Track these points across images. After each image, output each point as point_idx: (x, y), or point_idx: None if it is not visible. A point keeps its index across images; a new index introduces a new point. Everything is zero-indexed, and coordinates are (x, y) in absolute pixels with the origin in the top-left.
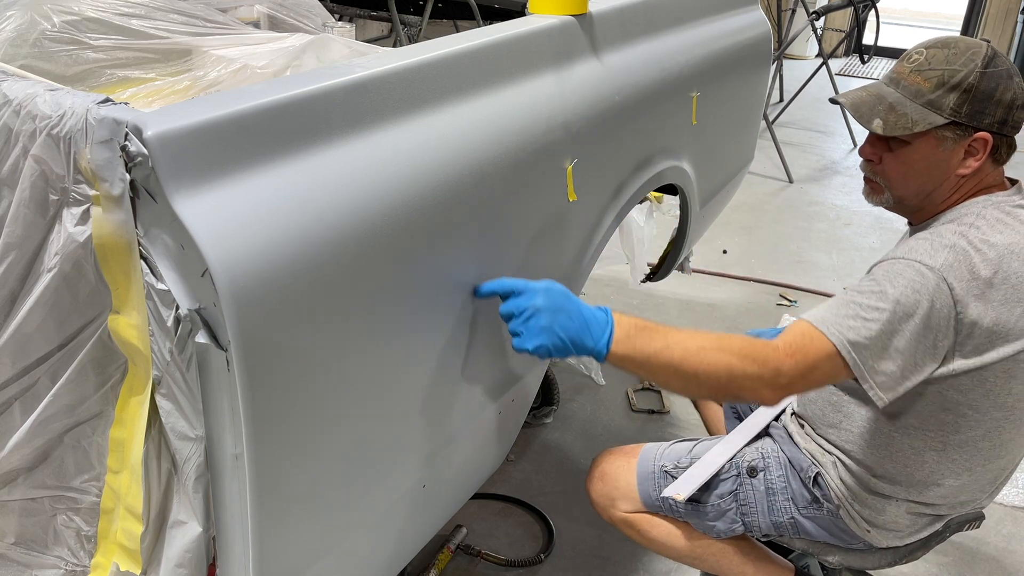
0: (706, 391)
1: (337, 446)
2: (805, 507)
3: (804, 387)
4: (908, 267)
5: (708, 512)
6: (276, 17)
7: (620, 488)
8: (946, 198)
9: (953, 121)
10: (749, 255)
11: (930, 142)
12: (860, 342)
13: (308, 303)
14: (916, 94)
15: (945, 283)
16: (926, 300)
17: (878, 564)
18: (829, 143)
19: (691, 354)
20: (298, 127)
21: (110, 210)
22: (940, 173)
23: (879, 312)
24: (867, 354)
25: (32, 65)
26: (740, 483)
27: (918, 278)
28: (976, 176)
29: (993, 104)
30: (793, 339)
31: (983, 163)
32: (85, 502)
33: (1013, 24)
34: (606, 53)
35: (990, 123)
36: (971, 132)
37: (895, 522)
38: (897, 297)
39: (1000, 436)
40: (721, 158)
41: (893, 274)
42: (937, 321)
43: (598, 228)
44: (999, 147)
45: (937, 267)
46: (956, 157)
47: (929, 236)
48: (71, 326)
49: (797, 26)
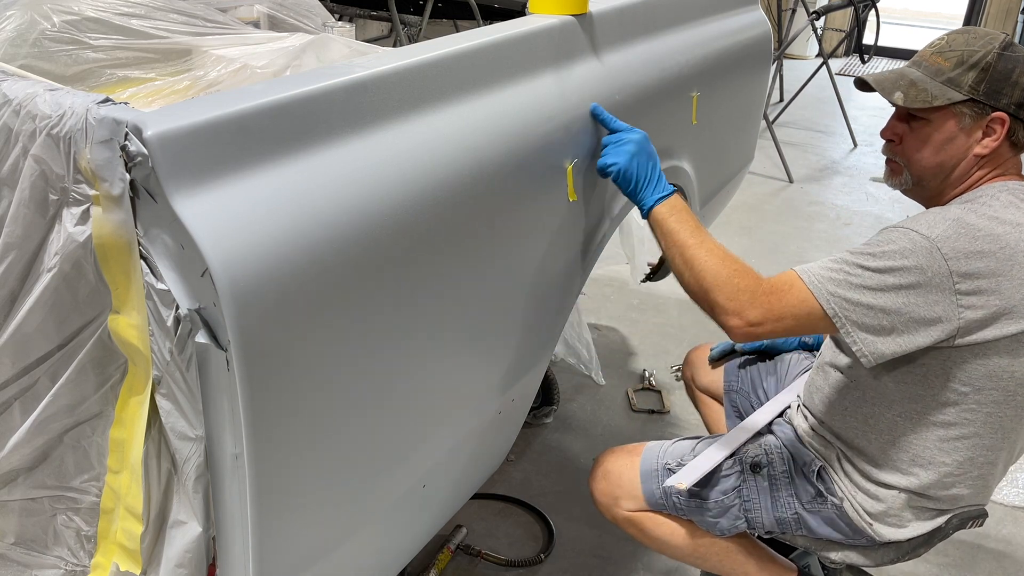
0: (692, 288)
1: (337, 446)
2: (809, 502)
3: (771, 330)
4: (903, 234)
5: (711, 508)
6: (276, 17)
7: (623, 486)
8: (962, 181)
9: (971, 99)
10: (749, 255)
11: (949, 119)
12: (842, 295)
13: (308, 303)
14: (936, 73)
15: (939, 252)
16: (915, 266)
17: (880, 560)
18: (829, 143)
19: (700, 248)
20: (298, 127)
21: (110, 210)
22: (958, 151)
23: (865, 271)
24: (849, 308)
25: (32, 65)
26: (743, 479)
27: (909, 244)
28: (993, 161)
29: (1010, 85)
30: (776, 282)
31: (1000, 145)
32: (85, 502)
33: (1013, 24)
34: (606, 53)
35: (1007, 103)
36: (989, 111)
37: (897, 515)
38: (888, 261)
39: (1001, 424)
40: (721, 158)
41: (886, 240)
42: (928, 288)
43: (598, 228)
44: (1015, 131)
45: (933, 237)
46: (974, 136)
47: (935, 211)
48: (71, 326)
49: (797, 26)
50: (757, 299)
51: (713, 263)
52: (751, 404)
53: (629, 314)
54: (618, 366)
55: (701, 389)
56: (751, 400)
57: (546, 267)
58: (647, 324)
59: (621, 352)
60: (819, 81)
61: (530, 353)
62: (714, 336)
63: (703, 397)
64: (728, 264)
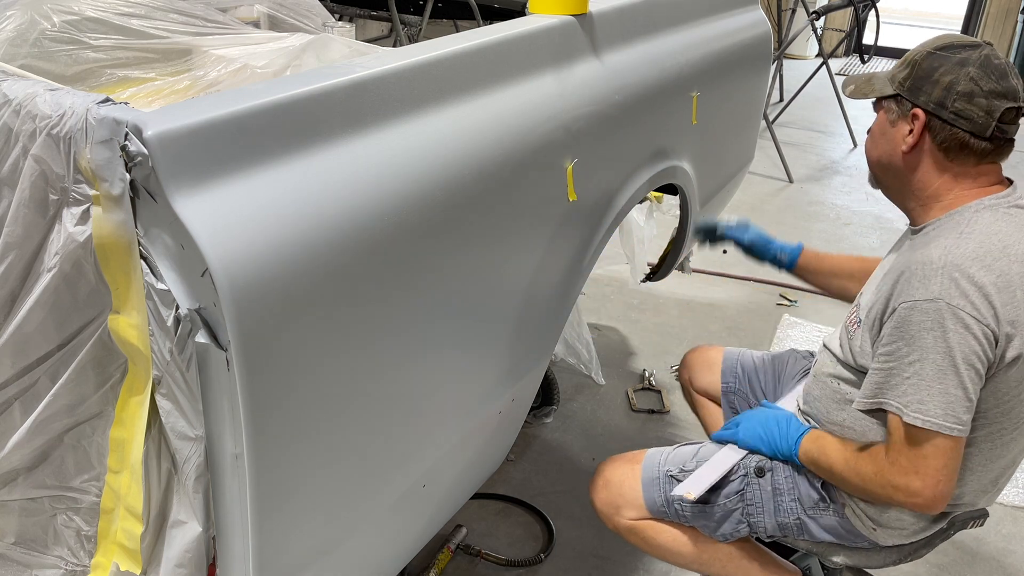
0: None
1: (337, 446)
2: (811, 507)
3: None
4: (912, 312)
5: (715, 513)
6: (276, 17)
7: (625, 495)
8: (925, 193)
9: (898, 94)
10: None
11: (881, 113)
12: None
13: (308, 303)
14: (892, 71)
15: (949, 306)
16: (943, 334)
17: (883, 563)
18: (829, 143)
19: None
20: (298, 127)
21: (110, 210)
22: (889, 146)
23: (971, 371)
24: (962, 410)
25: (32, 65)
26: (747, 483)
27: (925, 318)
28: (942, 170)
29: (931, 83)
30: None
31: (924, 145)
32: (85, 502)
33: (1013, 24)
34: (606, 53)
35: (925, 101)
36: (909, 107)
37: (899, 520)
38: (923, 350)
39: (1002, 437)
40: (721, 158)
41: (908, 334)
42: (968, 342)
43: (598, 228)
44: (937, 131)
45: (934, 296)
46: (900, 131)
47: (919, 266)
48: (71, 326)
49: (797, 26)
50: (898, 469)
51: (849, 474)
52: (749, 405)
53: (629, 314)
54: (618, 366)
55: (699, 391)
56: (749, 401)
57: (546, 267)
58: (647, 324)
59: (621, 352)
60: (819, 81)
61: (530, 353)
62: (714, 337)
63: (701, 399)
64: (858, 463)
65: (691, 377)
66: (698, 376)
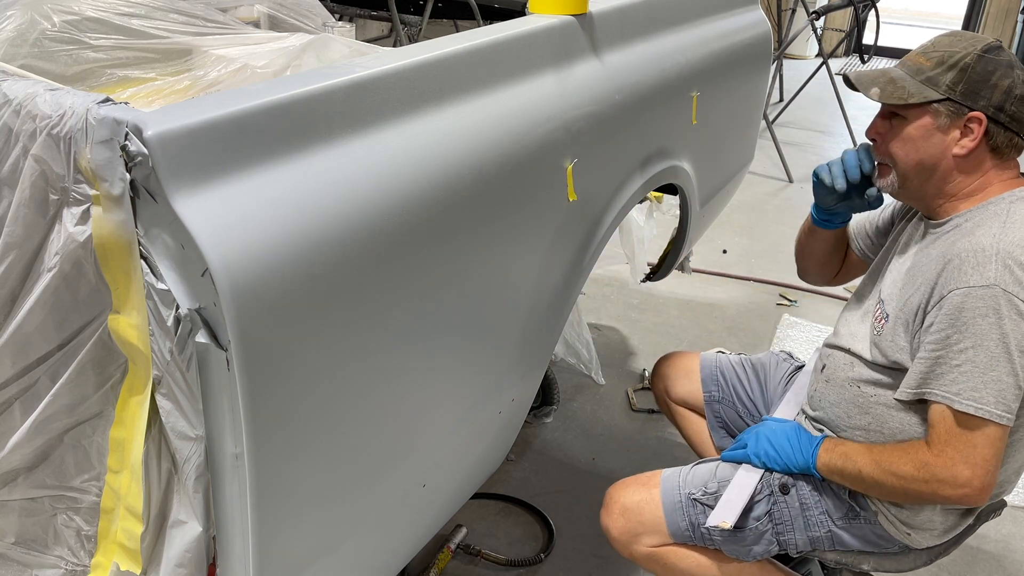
0: (909, 500)
1: (337, 446)
2: (841, 518)
3: (989, 471)
4: (966, 299)
5: (747, 537)
6: (276, 17)
7: (645, 523)
8: (961, 191)
9: (948, 98)
10: (749, 255)
11: (926, 117)
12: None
13: (308, 303)
14: (917, 71)
15: (1005, 292)
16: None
17: (913, 565)
18: (829, 143)
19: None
20: (298, 127)
21: (110, 210)
22: (935, 150)
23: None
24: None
25: (32, 65)
26: (774, 502)
27: (980, 304)
28: (985, 169)
29: (989, 87)
30: (941, 431)
31: (979, 148)
32: (85, 502)
33: (1013, 24)
34: (606, 53)
35: (985, 105)
36: (965, 111)
37: (930, 521)
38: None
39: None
40: (721, 158)
41: (961, 321)
42: (1022, 330)
43: (598, 228)
44: (994, 135)
45: (989, 282)
46: (951, 135)
47: (969, 253)
48: (71, 326)
49: (797, 26)
50: (944, 461)
51: (884, 476)
52: (737, 414)
53: (629, 314)
54: (618, 366)
55: (677, 401)
56: (737, 409)
57: (546, 267)
58: (647, 324)
59: (621, 352)
60: (819, 81)
61: (530, 353)
62: (714, 337)
63: (680, 410)
64: (892, 463)
65: (667, 387)
66: (675, 385)
